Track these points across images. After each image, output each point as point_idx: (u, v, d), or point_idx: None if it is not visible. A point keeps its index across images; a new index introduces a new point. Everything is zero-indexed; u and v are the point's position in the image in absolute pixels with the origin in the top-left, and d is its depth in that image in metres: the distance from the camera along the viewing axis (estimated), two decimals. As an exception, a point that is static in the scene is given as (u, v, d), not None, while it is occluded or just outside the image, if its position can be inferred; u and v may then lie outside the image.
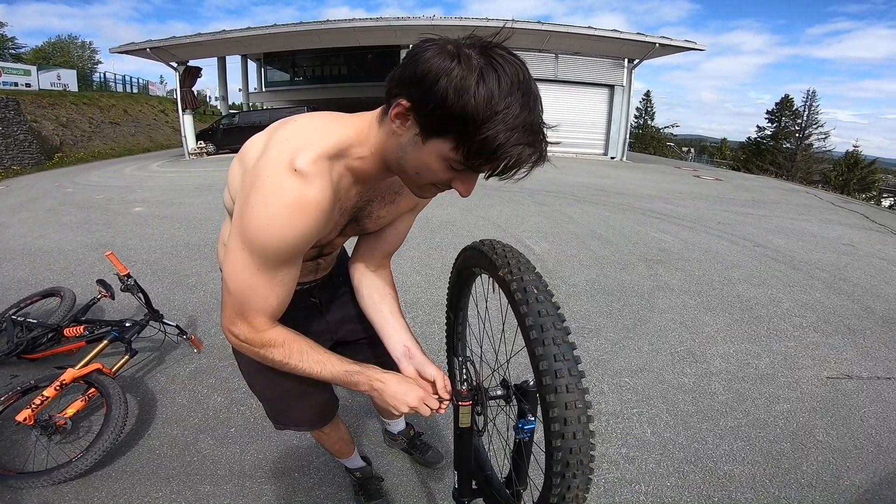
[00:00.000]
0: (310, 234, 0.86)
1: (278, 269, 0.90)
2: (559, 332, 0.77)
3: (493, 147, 0.72)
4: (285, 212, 0.81)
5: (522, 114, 0.71)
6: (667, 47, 15.44)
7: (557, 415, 0.74)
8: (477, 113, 0.69)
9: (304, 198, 0.82)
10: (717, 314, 3.56)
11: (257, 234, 0.84)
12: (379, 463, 2.03)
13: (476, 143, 0.72)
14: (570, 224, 6.07)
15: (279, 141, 0.85)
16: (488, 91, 0.69)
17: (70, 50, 34.78)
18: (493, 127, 0.70)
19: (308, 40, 16.39)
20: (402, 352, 1.13)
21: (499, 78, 0.70)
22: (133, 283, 2.60)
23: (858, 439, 2.27)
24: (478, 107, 0.69)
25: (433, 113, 0.73)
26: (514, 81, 0.71)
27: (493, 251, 0.94)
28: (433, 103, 0.72)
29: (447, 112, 0.71)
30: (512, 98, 0.70)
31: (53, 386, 2.08)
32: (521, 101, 0.71)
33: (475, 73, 0.70)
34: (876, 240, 6.30)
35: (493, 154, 0.73)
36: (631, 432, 2.26)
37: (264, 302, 0.93)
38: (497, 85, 0.70)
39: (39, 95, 18.60)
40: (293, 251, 0.88)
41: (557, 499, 0.78)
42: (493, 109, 0.70)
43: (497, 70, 0.70)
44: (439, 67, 0.71)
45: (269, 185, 0.81)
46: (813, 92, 32.16)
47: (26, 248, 5.07)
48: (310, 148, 0.83)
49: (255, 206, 0.82)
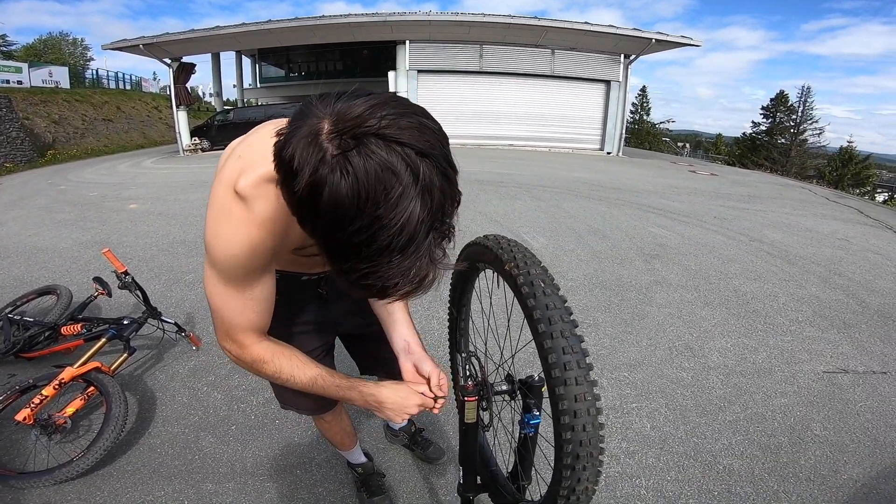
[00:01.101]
0: (255, 250, 0.85)
1: (243, 284, 0.90)
2: (567, 325, 0.76)
3: (369, 284, 0.62)
4: (229, 230, 0.83)
5: (398, 265, 0.59)
6: (662, 43, 15.50)
7: (567, 407, 0.74)
8: (347, 257, 0.60)
9: (245, 218, 0.82)
10: (714, 309, 3.57)
11: (212, 250, 0.86)
12: (380, 459, 2.04)
13: (355, 277, 0.62)
14: (567, 219, 6.08)
15: (234, 157, 0.86)
16: (357, 225, 0.55)
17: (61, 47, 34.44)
18: (377, 268, 0.59)
19: (303, 36, 16.30)
20: (401, 346, 1.13)
21: (366, 198, 0.53)
22: (131, 281, 2.58)
23: (855, 433, 2.29)
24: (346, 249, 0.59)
25: (301, 213, 0.61)
26: (391, 200, 0.54)
27: (498, 246, 0.93)
28: (308, 214, 0.59)
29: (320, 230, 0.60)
30: (386, 243, 0.56)
31: (52, 385, 2.07)
32: (401, 248, 0.57)
33: (337, 188, 0.53)
34: (870, 234, 6.35)
35: (372, 288, 0.63)
36: (631, 427, 2.27)
37: (242, 317, 0.94)
38: (367, 208, 0.54)
39: (31, 93, 18.49)
40: (248, 267, 0.88)
41: (567, 491, 0.78)
42: (366, 257, 0.58)
43: (362, 187, 0.53)
44: (301, 161, 0.55)
45: (217, 203, 0.84)
46: (808, 88, 32.39)
47: (21, 246, 5.03)
48: (255, 169, 0.81)
49: (208, 222, 0.85)
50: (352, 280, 0.61)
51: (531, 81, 16.17)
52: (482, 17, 14.59)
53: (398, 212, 0.53)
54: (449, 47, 15.59)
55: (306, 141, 0.54)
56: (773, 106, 33.45)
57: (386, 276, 0.59)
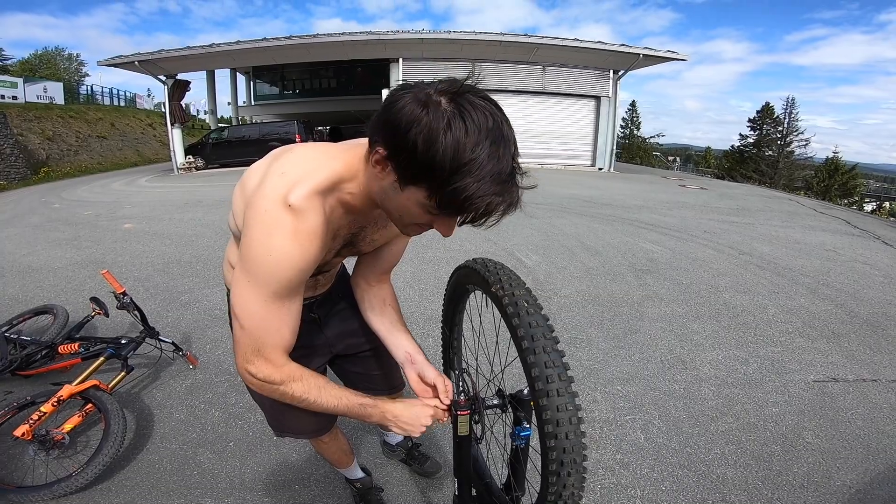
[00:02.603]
0: (307, 263, 0.90)
1: (284, 300, 0.92)
2: (549, 342, 0.83)
3: (461, 198, 0.73)
4: (284, 243, 0.85)
5: (490, 163, 0.72)
6: (650, 58, 15.80)
7: (550, 417, 0.80)
8: (444, 165, 0.71)
9: (300, 231, 0.86)
10: (705, 322, 3.63)
11: (259, 267, 0.87)
12: (378, 474, 2.06)
13: (447, 194, 0.74)
14: (560, 236, 6.16)
15: (275, 173, 0.89)
16: (455, 141, 0.70)
17: (57, 62, 34.41)
18: (462, 179, 0.72)
19: (297, 54, 16.49)
20: (404, 357, 1.18)
21: (466, 127, 0.71)
22: (129, 301, 2.61)
23: (847, 440, 2.33)
24: (445, 159, 0.71)
25: (406, 163, 0.76)
26: (483, 129, 0.72)
27: (485, 269, 1.00)
28: (404, 154, 0.75)
29: (417, 163, 0.74)
30: (480, 148, 0.71)
31: (51, 402, 2.09)
32: (490, 151, 0.72)
33: (443, 122, 0.71)
34: (857, 245, 6.46)
35: (463, 205, 0.74)
36: (625, 438, 2.30)
37: (278, 335, 0.95)
38: (465, 134, 0.71)
39: (26, 108, 18.43)
40: (294, 281, 0.91)
41: (554, 497, 0.83)
42: (460, 161, 0.71)
43: (465, 119, 0.71)
44: (409, 117, 0.73)
45: (266, 219, 0.85)
46: (792, 99, 33.06)
47: (15, 266, 5.03)
48: (304, 183, 0.86)
49: (255, 238, 0.86)
50: (460, 201, 0.74)
51: (523, 98, 16.37)
52: (474, 34, 14.84)
53: (506, 139, 0.75)
54: (442, 65, 15.79)
55: (418, 103, 0.73)
56: (759, 118, 34.03)
57: (491, 193, 0.74)
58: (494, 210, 0.76)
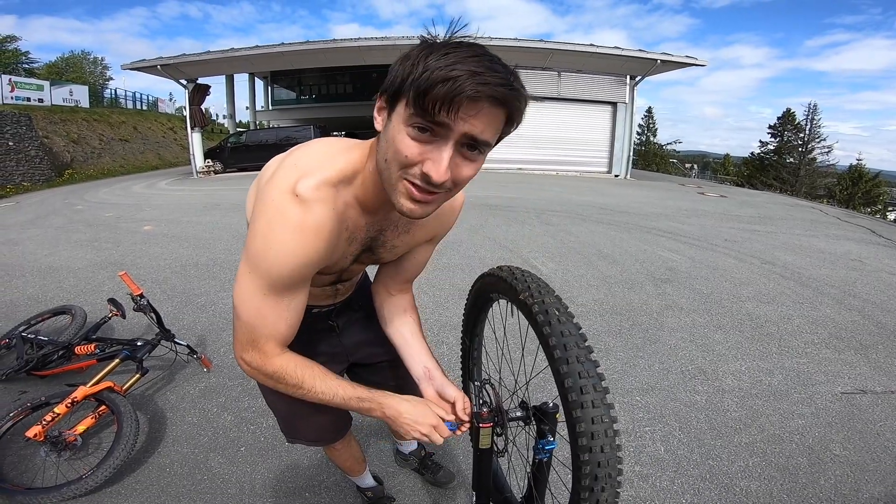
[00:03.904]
0: (310, 258, 0.86)
1: (284, 294, 0.90)
2: (582, 351, 0.79)
3: (432, 77, 0.68)
4: (285, 235, 0.82)
5: (464, 54, 0.70)
6: (668, 63, 15.60)
7: (584, 429, 0.75)
8: (420, 62, 0.70)
9: (305, 222, 0.82)
10: (727, 332, 3.53)
11: (260, 257, 0.84)
12: (390, 483, 2.02)
13: (419, 81, 0.69)
14: (576, 243, 6.08)
15: (288, 166, 0.86)
16: (436, 49, 0.71)
17: (82, 66, 35.15)
18: (436, 63, 0.69)
19: (314, 59, 16.66)
20: (422, 373, 1.13)
21: (447, 43, 0.73)
22: (146, 304, 2.62)
23: (876, 452, 2.25)
24: (422, 58, 0.70)
25: (391, 87, 0.75)
26: (466, 44, 0.72)
27: (512, 276, 0.96)
28: (390, 78, 0.75)
29: (398, 76, 0.73)
30: (460, 49, 0.71)
31: (65, 403, 2.09)
32: (469, 50, 0.71)
33: (428, 48, 0.72)
34: (883, 254, 6.27)
35: (434, 83, 0.68)
36: (644, 450, 2.23)
37: (273, 328, 0.92)
38: (445, 46, 0.72)
39: (52, 111, 18.72)
40: (295, 275, 0.87)
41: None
42: (438, 56, 0.70)
43: (448, 44, 0.73)
44: (399, 58, 0.75)
45: (272, 209, 0.82)
46: (814, 105, 32.39)
47: (36, 266, 5.11)
48: (314, 174, 0.83)
49: (259, 228, 0.83)
50: (428, 80, 0.69)
51: (538, 104, 16.15)
52: (489, 40, 14.62)
53: (492, 57, 0.72)
54: (456, 70, 15.79)
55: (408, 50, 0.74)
56: (780, 124, 33.46)
57: (457, 64, 0.69)
58: (470, 85, 0.67)
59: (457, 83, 0.67)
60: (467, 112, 0.70)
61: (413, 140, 0.73)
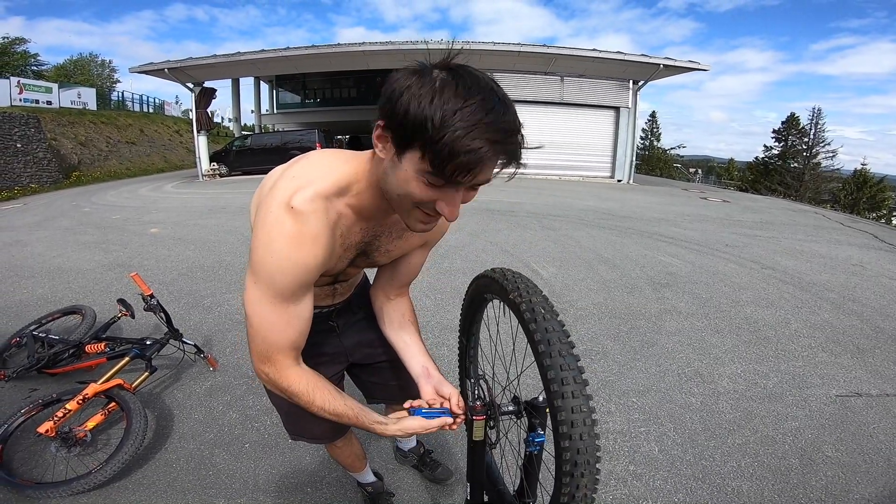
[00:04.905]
0: (308, 266, 0.92)
1: (289, 302, 0.94)
2: (564, 346, 0.85)
3: (454, 147, 0.71)
4: (284, 245, 0.88)
5: (480, 113, 0.71)
6: (671, 68, 15.62)
7: (565, 418, 0.81)
8: (436, 115, 0.71)
9: (301, 233, 0.88)
10: (724, 336, 3.57)
11: (262, 268, 0.90)
12: (390, 479, 2.07)
13: (439, 146, 0.72)
14: (577, 248, 6.12)
15: (287, 177, 0.93)
16: (447, 95, 0.72)
17: (90, 68, 35.29)
18: (453, 125, 0.70)
19: (319, 63, 16.78)
20: (421, 372, 1.20)
21: (457, 84, 0.72)
22: (156, 304, 2.69)
23: (868, 454, 2.28)
24: (436, 111, 0.71)
25: (400, 126, 0.75)
26: (475, 87, 0.73)
27: (503, 277, 1.02)
28: (398, 118, 0.75)
29: (410, 122, 0.73)
30: (472, 100, 0.71)
31: (76, 399, 2.15)
32: (482, 104, 0.72)
33: (437, 84, 0.73)
34: (885, 259, 6.29)
35: (456, 154, 0.72)
36: (638, 450, 2.28)
37: (283, 336, 0.97)
38: (455, 89, 0.72)
39: (60, 113, 18.82)
40: (297, 282, 0.93)
41: (567, 498, 0.84)
42: (452, 110, 0.71)
43: (458, 80, 0.73)
44: (403, 83, 0.75)
45: (270, 220, 0.88)
46: (819, 110, 32.23)
47: (45, 267, 5.20)
48: (309, 187, 0.90)
49: (259, 240, 0.89)
50: (452, 149, 0.72)
51: (541, 109, 16.35)
52: (492, 45, 14.91)
53: (503, 101, 0.75)
54: (460, 75, 15.86)
55: (412, 72, 0.76)
56: (784, 129, 33.30)
57: (483, 138, 0.72)
58: (489, 157, 0.73)
59: (478, 154, 0.72)
60: (483, 171, 0.77)
61: (427, 186, 0.80)
